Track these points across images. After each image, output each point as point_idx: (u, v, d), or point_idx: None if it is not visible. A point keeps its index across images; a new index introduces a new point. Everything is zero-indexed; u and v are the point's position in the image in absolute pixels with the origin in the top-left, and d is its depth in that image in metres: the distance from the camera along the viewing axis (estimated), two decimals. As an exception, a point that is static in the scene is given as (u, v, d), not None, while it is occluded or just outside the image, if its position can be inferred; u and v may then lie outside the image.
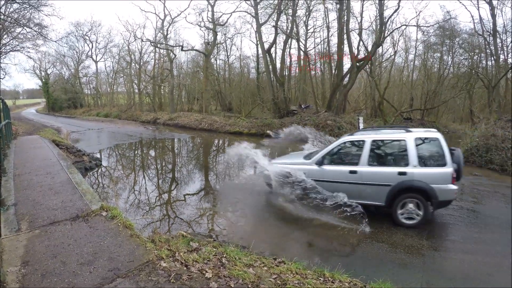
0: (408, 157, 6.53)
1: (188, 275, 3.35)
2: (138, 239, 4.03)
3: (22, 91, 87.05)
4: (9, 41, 24.81)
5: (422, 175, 6.38)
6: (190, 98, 38.02)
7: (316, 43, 31.30)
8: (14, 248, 3.71)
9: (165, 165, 12.69)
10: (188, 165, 11.31)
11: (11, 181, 6.40)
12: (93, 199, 5.38)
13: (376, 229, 6.37)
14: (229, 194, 8.55)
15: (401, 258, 5.30)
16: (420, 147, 6.62)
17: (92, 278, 3.16)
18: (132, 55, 39.22)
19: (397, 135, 6.97)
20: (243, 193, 8.59)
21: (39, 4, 21.10)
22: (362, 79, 31.11)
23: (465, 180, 10.53)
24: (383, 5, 20.77)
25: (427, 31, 25.18)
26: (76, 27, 43.61)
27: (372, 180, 6.78)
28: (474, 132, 14.43)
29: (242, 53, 47.16)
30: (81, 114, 42.64)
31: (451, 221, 6.96)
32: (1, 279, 3.09)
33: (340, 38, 21.26)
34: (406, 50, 29.53)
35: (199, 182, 10.30)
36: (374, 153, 7.01)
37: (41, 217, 4.60)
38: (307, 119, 20.18)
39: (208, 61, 31.10)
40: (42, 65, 47.76)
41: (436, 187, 6.25)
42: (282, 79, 25.70)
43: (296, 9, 24.67)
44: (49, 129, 19.66)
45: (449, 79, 25.58)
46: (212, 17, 28.92)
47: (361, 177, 6.86)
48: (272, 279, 3.61)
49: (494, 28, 20.81)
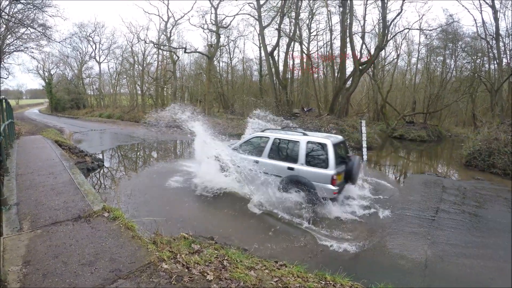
0: (298, 156, 7.69)
1: (190, 277, 3.34)
2: (140, 240, 4.03)
3: (25, 91, 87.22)
4: (13, 41, 24.99)
5: (306, 173, 7.51)
6: (193, 100, 37.99)
7: (319, 46, 31.37)
8: (16, 247, 3.71)
9: (167, 165, 12.69)
10: (189, 167, 11.31)
11: (13, 181, 6.41)
12: (95, 200, 5.38)
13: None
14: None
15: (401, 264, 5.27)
16: (309, 149, 7.71)
17: (93, 279, 3.15)
18: (135, 56, 39.32)
19: (294, 136, 8.10)
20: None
21: (43, 5, 21.17)
22: (364, 82, 31.14)
23: (467, 184, 10.52)
24: (386, 9, 20.82)
25: (430, 34, 25.20)
26: (80, 28, 43.73)
27: (270, 171, 8.00)
28: (476, 136, 14.42)
29: (245, 55, 47.07)
30: (84, 114, 42.65)
31: (453, 225, 6.94)
32: (2, 278, 3.09)
33: (343, 41, 21.27)
34: (409, 53, 29.59)
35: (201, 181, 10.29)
36: (274, 149, 8.32)
37: (43, 217, 4.60)
38: (309, 122, 20.15)
39: (211, 63, 31.15)
40: (45, 66, 47.88)
41: (316, 184, 7.32)
42: (285, 81, 25.73)
43: (299, 12, 24.71)
44: (52, 129, 19.70)
45: (452, 82, 25.54)
46: (215, 19, 29.00)
47: (262, 167, 8.07)
48: (273, 282, 3.60)
49: (497, 31, 20.77)
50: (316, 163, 7.53)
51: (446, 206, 8.21)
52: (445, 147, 20.01)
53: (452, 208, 8.09)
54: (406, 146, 19.60)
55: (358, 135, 16.26)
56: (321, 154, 7.49)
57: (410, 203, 8.47)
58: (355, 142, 16.86)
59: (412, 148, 19.09)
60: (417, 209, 7.96)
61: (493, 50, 22.14)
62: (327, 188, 7.22)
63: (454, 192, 9.58)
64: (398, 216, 7.43)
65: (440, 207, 8.10)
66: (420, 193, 9.46)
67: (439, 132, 23.23)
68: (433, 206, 8.19)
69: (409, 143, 20.48)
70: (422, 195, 9.21)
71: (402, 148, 19.33)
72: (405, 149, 19.06)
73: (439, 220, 7.22)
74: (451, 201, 8.71)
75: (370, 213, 7.60)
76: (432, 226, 6.84)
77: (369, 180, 10.34)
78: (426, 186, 10.23)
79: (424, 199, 8.87)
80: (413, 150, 18.76)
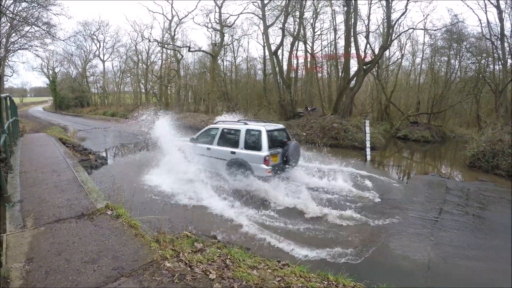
0: (239, 142, 9.17)
1: (192, 276, 3.35)
2: (143, 238, 4.03)
3: (29, 89, 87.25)
4: (17, 40, 25.08)
5: (244, 155, 8.99)
6: (196, 99, 38.02)
7: (323, 45, 31.21)
8: (19, 244, 3.73)
9: (169, 165, 12.68)
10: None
11: (17, 178, 6.44)
12: (99, 198, 5.40)
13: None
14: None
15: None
16: (248, 136, 9.11)
17: (96, 277, 3.16)
18: (139, 55, 39.41)
19: (237, 126, 9.61)
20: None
21: (47, 3, 21.26)
22: (369, 82, 31.02)
23: (471, 185, 10.47)
24: (391, 8, 20.69)
25: (434, 34, 25.04)
26: (84, 26, 43.79)
27: (218, 155, 9.64)
28: (480, 137, 14.32)
29: (249, 54, 47.15)
30: (87, 113, 42.81)
31: (457, 227, 6.91)
32: (5, 275, 3.11)
33: (347, 41, 21.17)
34: (413, 53, 29.40)
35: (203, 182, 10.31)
36: (222, 137, 9.80)
37: (46, 214, 4.62)
38: (313, 121, 20.12)
39: (215, 62, 31.11)
40: (49, 64, 48.03)
41: (253, 164, 8.75)
42: (288, 81, 25.65)
43: (304, 11, 24.62)
44: (55, 127, 19.80)
45: (456, 83, 25.38)
46: (220, 18, 28.98)
47: (212, 153, 9.80)
48: (276, 281, 3.59)
49: (502, 32, 20.59)
50: (252, 146, 8.93)
51: (449, 207, 8.17)
52: (449, 148, 19.92)
53: (456, 210, 8.05)
54: (410, 147, 19.52)
55: (362, 135, 16.23)
56: (257, 139, 8.91)
57: (414, 204, 8.44)
58: (359, 142, 16.83)
59: (416, 149, 19.02)
60: (421, 210, 7.93)
61: (498, 50, 21.96)
62: (261, 167, 8.62)
63: (458, 193, 9.53)
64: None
65: (443, 208, 8.07)
66: (424, 194, 9.42)
67: (443, 132, 23.13)
68: (436, 207, 8.15)
69: (413, 143, 20.40)
70: (426, 196, 9.18)
71: (406, 148, 19.26)
72: (409, 149, 18.98)
73: (442, 221, 7.19)
74: (455, 202, 8.67)
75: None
76: (435, 227, 6.81)
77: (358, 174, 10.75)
78: (429, 187, 10.19)
79: (428, 200, 8.84)
80: (417, 150, 18.69)
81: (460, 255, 5.62)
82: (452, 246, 5.98)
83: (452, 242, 6.14)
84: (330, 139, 18.10)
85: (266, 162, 8.55)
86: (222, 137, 9.79)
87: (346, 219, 7.10)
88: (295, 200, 8.06)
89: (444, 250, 5.77)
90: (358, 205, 8.13)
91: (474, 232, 6.67)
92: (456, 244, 6.05)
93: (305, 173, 10.41)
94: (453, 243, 6.10)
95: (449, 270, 5.10)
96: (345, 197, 8.76)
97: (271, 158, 8.69)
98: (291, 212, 7.48)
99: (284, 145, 9.30)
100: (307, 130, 19.55)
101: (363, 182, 10.13)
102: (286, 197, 8.22)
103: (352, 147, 17.06)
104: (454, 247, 5.94)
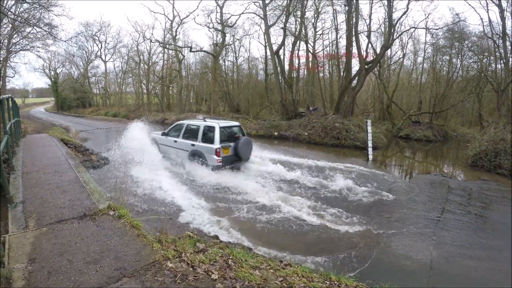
0: (198, 136, 10.72)
1: (194, 276, 3.34)
2: (145, 239, 4.04)
3: (31, 90, 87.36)
4: (19, 41, 25.16)
5: (201, 147, 10.55)
6: (198, 99, 38.00)
7: (324, 45, 31.23)
8: (21, 245, 3.73)
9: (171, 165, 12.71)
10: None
11: (19, 179, 6.45)
12: (101, 198, 5.40)
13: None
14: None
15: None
16: (205, 131, 10.61)
17: (98, 277, 3.16)
18: (141, 55, 39.39)
19: (198, 122, 11.23)
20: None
21: (49, 4, 21.32)
22: (370, 81, 30.92)
23: (473, 184, 10.44)
24: (392, 7, 20.67)
25: (436, 33, 24.94)
26: (86, 27, 43.84)
27: (182, 147, 11.27)
28: (483, 136, 14.28)
29: (250, 54, 47.01)
30: (89, 113, 42.80)
31: (459, 226, 6.89)
32: (8, 275, 3.11)
33: (349, 40, 21.16)
34: (415, 52, 29.31)
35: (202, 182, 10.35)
36: (186, 132, 11.43)
37: (48, 215, 4.62)
38: (315, 121, 20.09)
39: (217, 62, 31.10)
40: (51, 65, 48.04)
41: (207, 155, 10.31)
42: (290, 80, 25.63)
43: (305, 11, 24.60)
44: (57, 127, 19.82)
45: (458, 82, 25.28)
46: (221, 18, 28.95)
47: (178, 145, 11.49)
48: (278, 281, 3.59)
49: (504, 30, 20.50)
50: (208, 140, 10.43)
51: (451, 207, 8.15)
52: (451, 147, 19.85)
53: (458, 209, 8.03)
54: (412, 146, 19.46)
55: (364, 135, 16.19)
56: (211, 134, 10.38)
57: (416, 203, 8.42)
58: (361, 142, 16.80)
59: (418, 148, 18.96)
60: (423, 210, 7.92)
61: (499, 49, 21.90)
62: (213, 158, 10.14)
63: (460, 193, 9.51)
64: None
65: (445, 208, 8.05)
66: (426, 193, 9.41)
67: (445, 132, 23.04)
68: (438, 207, 8.14)
69: (415, 143, 20.33)
70: (428, 195, 9.16)
71: (408, 148, 19.21)
72: (411, 149, 18.93)
73: (444, 220, 7.17)
74: (457, 201, 8.65)
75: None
76: (437, 227, 6.79)
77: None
78: (431, 186, 10.17)
79: (430, 199, 8.82)
80: (419, 150, 18.63)
81: (463, 254, 5.60)
82: (454, 245, 5.97)
83: (455, 242, 6.13)
84: (332, 139, 18.06)
85: (217, 153, 10.10)
86: (186, 132, 11.43)
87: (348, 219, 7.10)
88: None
89: (446, 250, 5.76)
90: (359, 205, 8.12)
91: (476, 232, 6.65)
92: (458, 244, 6.04)
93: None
94: (456, 243, 6.08)
95: (452, 270, 5.08)
96: (346, 196, 8.76)
97: (222, 150, 10.23)
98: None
99: (236, 140, 10.65)
100: (309, 130, 19.52)
101: (363, 181, 10.12)
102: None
103: (354, 147, 17.02)
104: (456, 246, 5.93)
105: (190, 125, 11.47)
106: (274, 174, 10.86)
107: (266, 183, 9.83)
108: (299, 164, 12.12)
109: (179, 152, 11.42)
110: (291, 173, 10.84)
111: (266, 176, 10.57)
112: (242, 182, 9.59)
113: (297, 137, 19.27)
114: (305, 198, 8.45)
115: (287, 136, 19.62)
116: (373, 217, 7.27)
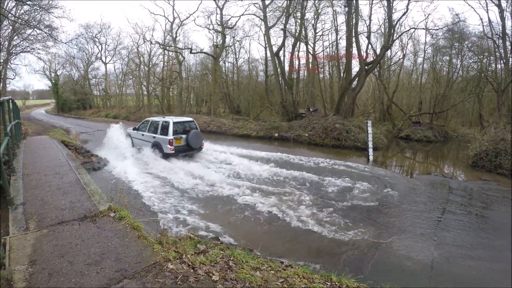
0: (158, 129, 12.99)
1: (195, 278, 3.34)
2: (146, 240, 4.03)
3: (32, 92, 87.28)
4: (19, 42, 25.22)
5: (159, 139, 12.74)
6: (198, 101, 38.00)
7: (324, 46, 31.26)
8: (22, 247, 3.73)
9: (172, 164, 12.72)
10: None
11: (20, 181, 6.46)
12: (101, 200, 5.40)
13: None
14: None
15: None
16: (163, 125, 12.79)
17: (99, 279, 3.16)
18: (141, 57, 39.45)
19: (158, 119, 13.57)
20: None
21: (49, 6, 21.34)
22: (370, 82, 30.94)
23: (474, 185, 10.43)
24: (392, 8, 20.69)
25: (436, 34, 24.95)
26: (86, 29, 43.95)
27: (147, 139, 13.60)
28: (483, 136, 14.28)
29: (250, 56, 47.14)
30: (90, 115, 42.79)
31: (460, 227, 6.88)
32: (9, 277, 3.11)
33: (349, 41, 21.16)
34: (415, 53, 29.32)
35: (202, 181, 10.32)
36: (150, 126, 13.71)
37: (49, 216, 4.62)
38: (315, 122, 20.07)
39: (217, 63, 31.13)
40: (52, 66, 48.05)
41: (163, 145, 12.49)
42: (290, 82, 25.63)
43: (305, 12, 24.63)
44: (58, 129, 19.83)
45: (458, 82, 25.28)
46: (221, 20, 29.00)
47: (144, 137, 13.85)
48: (279, 282, 3.58)
49: (504, 30, 20.49)
50: (164, 133, 12.58)
51: (452, 207, 8.15)
52: (452, 148, 19.83)
53: (459, 209, 8.02)
54: (412, 147, 19.44)
55: (364, 136, 16.19)
56: (166, 128, 12.51)
57: (417, 204, 8.41)
58: (362, 143, 16.79)
59: (418, 149, 18.94)
60: (424, 210, 7.91)
61: (499, 49, 21.89)
62: (167, 147, 12.29)
63: (461, 193, 9.50)
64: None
65: (446, 208, 8.04)
66: (427, 193, 9.40)
67: (446, 132, 23.02)
68: (439, 207, 8.13)
69: (415, 143, 20.31)
70: (429, 196, 9.15)
71: (408, 148, 19.19)
72: (411, 149, 18.91)
73: (445, 221, 7.16)
74: (458, 202, 8.64)
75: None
76: (438, 227, 6.79)
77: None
78: (432, 187, 10.16)
79: (431, 199, 8.81)
80: (419, 150, 18.61)
81: (464, 255, 5.60)
82: (455, 246, 5.96)
83: (456, 242, 6.12)
84: (332, 140, 18.03)
85: (170, 143, 12.26)
86: (150, 127, 13.70)
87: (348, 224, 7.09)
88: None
89: (447, 250, 5.75)
90: (359, 205, 8.11)
91: (477, 232, 6.64)
92: (459, 244, 6.03)
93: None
94: (457, 243, 6.08)
95: (453, 270, 5.08)
96: (346, 196, 8.75)
97: (175, 141, 12.39)
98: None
99: (188, 132, 12.72)
100: (309, 131, 19.50)
101: (364, 181, 10.11)
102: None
103: (355, 148, 17.00)
104: (457, 247, 5.92)
105: (154, 121, 13.77)
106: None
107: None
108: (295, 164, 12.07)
109: (145, 143, 13.74)
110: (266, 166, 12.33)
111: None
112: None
113: (298, 138, 19.23)
114: (305, 197, 8.42)
115: (287, 137, 19.58)
116: (374, 218, 7.26)
